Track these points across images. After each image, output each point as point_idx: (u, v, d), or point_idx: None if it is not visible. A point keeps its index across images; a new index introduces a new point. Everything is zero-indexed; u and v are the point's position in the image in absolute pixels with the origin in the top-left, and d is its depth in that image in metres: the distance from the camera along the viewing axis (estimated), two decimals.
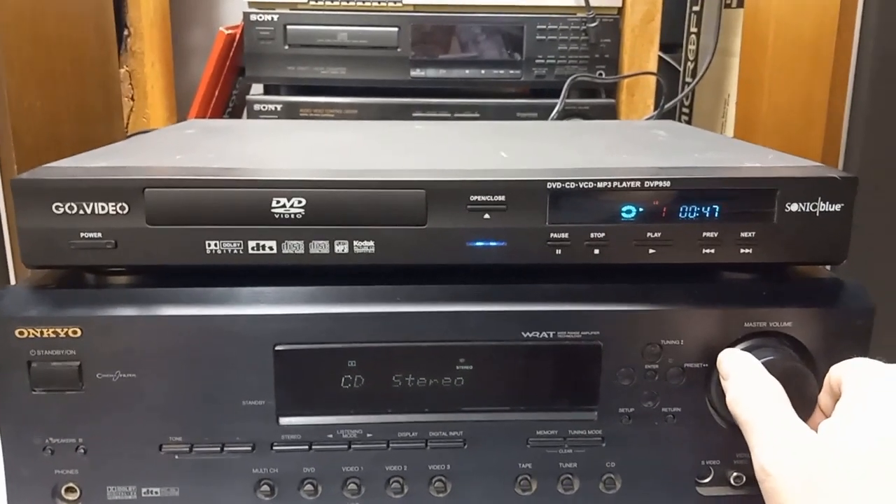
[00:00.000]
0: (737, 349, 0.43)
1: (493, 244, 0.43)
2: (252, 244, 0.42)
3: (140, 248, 0.42)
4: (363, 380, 0.44)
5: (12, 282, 0.65)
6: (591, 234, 0.43)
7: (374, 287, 0.44)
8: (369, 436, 0.44)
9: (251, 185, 0.42)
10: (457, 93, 0.99)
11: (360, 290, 0.44)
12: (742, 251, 0.44)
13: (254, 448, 0.44)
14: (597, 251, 0.43)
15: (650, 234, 0.44)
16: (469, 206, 0.42)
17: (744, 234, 0.44)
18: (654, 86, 1.01)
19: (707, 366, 0.44)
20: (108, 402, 0.43)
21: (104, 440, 0.43)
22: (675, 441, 0.45)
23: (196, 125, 0.69)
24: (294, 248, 0.42)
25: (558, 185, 0.43)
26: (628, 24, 0.99)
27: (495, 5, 0.97)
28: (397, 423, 0.44)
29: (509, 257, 0.43)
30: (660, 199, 0.43)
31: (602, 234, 0.43)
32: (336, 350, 0.43)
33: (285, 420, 0.44)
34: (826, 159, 0.73)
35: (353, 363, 0.44)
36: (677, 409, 0.45)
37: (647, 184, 0.43)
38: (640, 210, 0.43)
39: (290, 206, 0.42)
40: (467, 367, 0.44)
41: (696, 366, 0.44)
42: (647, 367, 0.44)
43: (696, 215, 0.44)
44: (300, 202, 0.42)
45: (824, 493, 0.34)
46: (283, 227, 0.42)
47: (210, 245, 0.42)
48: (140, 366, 0.43)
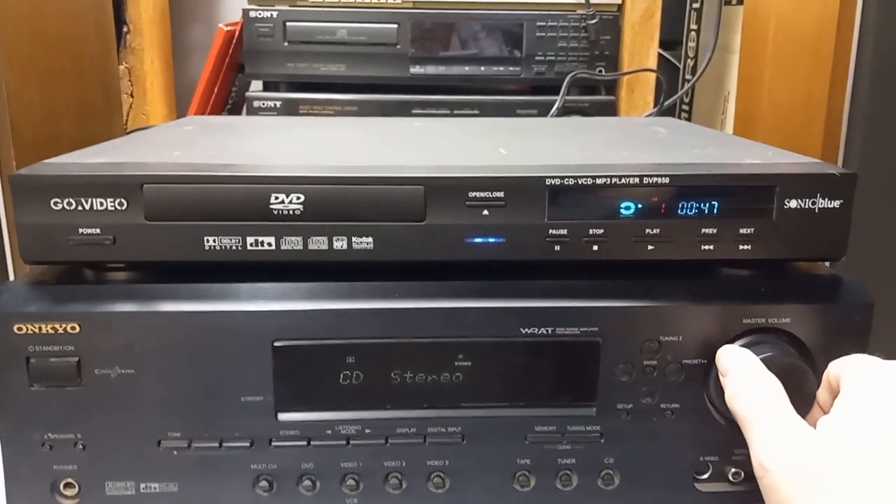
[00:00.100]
0: (735, 345, 0.43)
1: (491, 240, 0.43)
2: (251, 240, 0.42)
3: (138, 244, 0.42)
4: (362, 376, 0.44)
5: (11, 278, 0.65)
6: (590, 231, 0.43)
7: (372, 283, 0.44)
8: (368, 431, 0.44)
9: (250, 181, 0.42)
10: (456, 90, 0.98)
11: (359, 286, 0.44)
12: (741, 248, 0.44)
13: (252, 444, 0.44)
14: (595, 247, 0.43)
15: (649, 231, 0.44)
16: (468, 203, 0.42)
17: (743, 231, 0.44)
18: (653, 83, 1.01)
19: (706, 362, 0.44)
20: (106, 398, 0.43)
21: (103, 436, 0.43)
22: (673, 437, 0.45)
23: (195, 122, 0.69)
24: (293, 244, 0.42)
25: (557, 182, 0.43)
26: (628, 20, 0.99)
27: (495, 2, 0.97)
28: (396, 418, 0.44)
29: (508, 253, 0.43)
30: (659, 195, 0.43)
31: (601, 231, 0.43)
32: (335, 346, 0.43)
33: (284, 416, 0.44)
34: (825, 156, 0.73)
35: (351, 359, 0.44)
36: (676, 406, 0.45)
37: (646, 180, 0.43)
38: (639, 206, 0.43)
39: (288, 202, 0.42)
40: (466, 364, 0.44)
41: (695, 362, 0.44)
42: (646, 363, 0.44)
43: (695, 212, 0.44)
44: (299, 198, 0.42)
45: (823, 489, 0.34)
46: (281, 223, 0.42)
47: (208, 241, 0.42)
48: (139, 362, 0.43)
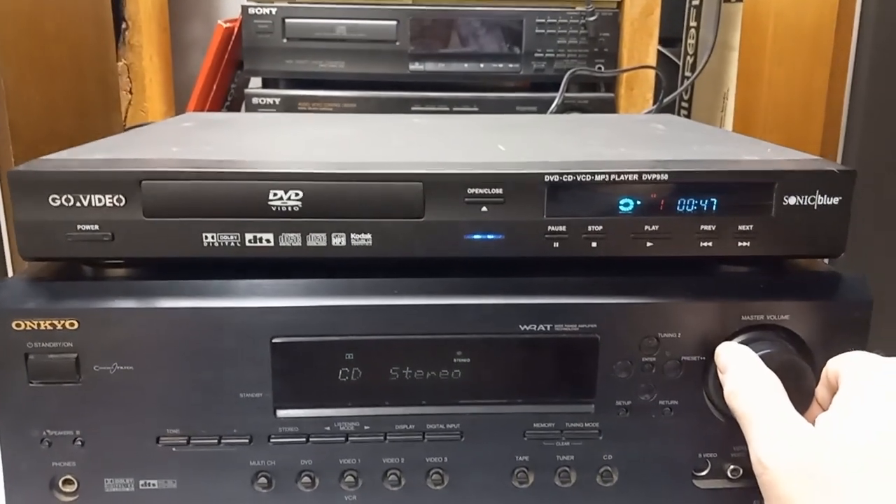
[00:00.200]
0: (734, 342, 0.43)
1: (490, 237, 0.43)
2: (249, 237, 0.42)
3: (137, 240, 0.42)
4: (360, 372, 0.44)
5: (10, 274, 0.65)
6: (589, 227, 0.43)
7: (371, 280, 0.44)
8: (367, 428, 0.44)
9: (248, 177, 0.42)
10: (456, 86, 0.98)
11: (358, 282, 0.44)
12: (740, 244, 0.44)
13: (251, 440, 0.44)
14: (594, 244, 0.43)
15: (648, 228, 0.43)
16: (467, 199, 0.42)
17: (741, 228, 0.44)
18: (653, 80, 1.01)
19: (704, 359, 0.44)
20: (105, 395, 0.43)
21: (102, 432, 0.43)
22: (672, 434, 0.45)
23: (194, 118, 0.69)
24: (291, 240, 0.42)
25: (556, 178, 0.43)
26: (627, 17, 0.99)
27: None
28: (395, 415, 0.44)
29: (507, 250, 0.43)
30: (657, 192, 0.43)
31: (600, 227, 0.43)
32: (333, 343, 0.43)
33: (282, 412, 0.44)
34: (825, 152, 0.73)
35: (350, 356, 0.44)
36: (674, 402, 0.45)
37: (645, 177, 0.43)
38: (638, 203, 0.43)
39: (287, 198, 0.42)
40: (464, 360, 0.44)
41: (694, 359, 0.44)
42: (645, 360, 0.44)
43: (694, 208, 0.44)
44: (297, 195, 0.42)
45: (821, 486, 0.34)
46: (280, 219, 0.42)
47: (207, 237, 0.42)
48: (137, 358, 0.43)
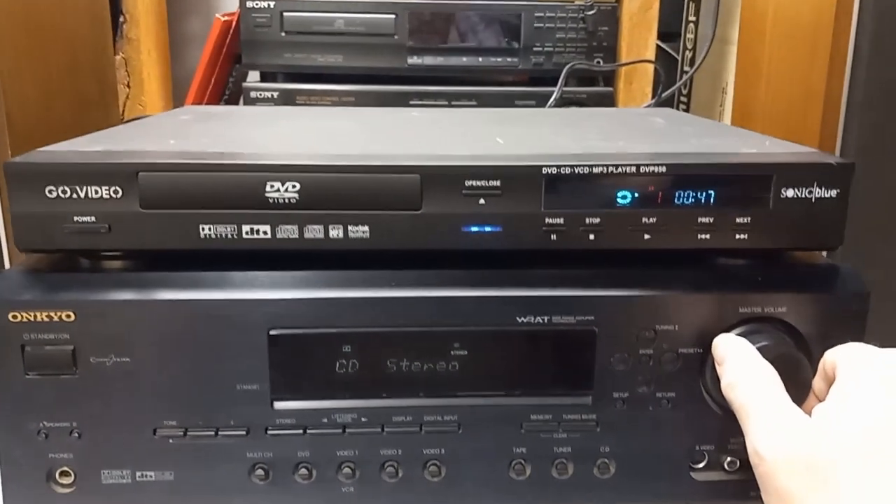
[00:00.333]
0: (731, 334, 0.43)
1: (488, 229, 0.43)
2: (246, 228, 0.42)
3: (134, 232, 0.42)
4: (358, 364, 0.44)
5: (6, 266, 0.65)
6: (587, 220, 0.43)
7: (368, 272, 0.44)
8: (364, 420, 0.44)
9: (245, 169, 0.42)
10: (454, 80, 0.98)
11: (355, 274, 0.44)
12: (737, 237, 0.44)
13: (248, 432, 0.44)
14: (592, 236, 0.43)
15: (645, 220, 0.43)
16: (464, 191, 0.42)
17: (739, 220, 0.44)
18: (651, 74, 1.01)
19: (702, 351, 0.44)
20: (102, 387, 0.43)
21: (98, 424, 0.43)
22: (669, 426, 0.45)
23: (191, 111, 0.69)
24: (288, 232, 0.42)
25: (554, 171, 0.43)
26: (626, 12, 0.99)
27: None
28: (392, 407, 0.44)
29: (504, 242, 0.43)
30: (655, 184, 0.43)
31: (597, 220, 0.43)
32: (331, 335, 0.43)
33: (280, 404, 0.44)
34: (823, 146, 0.73)
35: (347, 348, 0.44)
36: (672, 395, 0.45)
37: (643, 169, 0.43)
38: (636, 195, 0.43)
39: (284, 190, 0.42)
40: (462, 352, 0.44)
41: (691, 351, 0.44)
42: (642, 352, 0.44)
43: (692, 201, 0.44)
44: (294, 186, 0.42)
45: (818, 476, 0.34)
46: (277, 211, 0.42)
47: (204, 229, 0.42)
48: (134, 350, 0.42)
